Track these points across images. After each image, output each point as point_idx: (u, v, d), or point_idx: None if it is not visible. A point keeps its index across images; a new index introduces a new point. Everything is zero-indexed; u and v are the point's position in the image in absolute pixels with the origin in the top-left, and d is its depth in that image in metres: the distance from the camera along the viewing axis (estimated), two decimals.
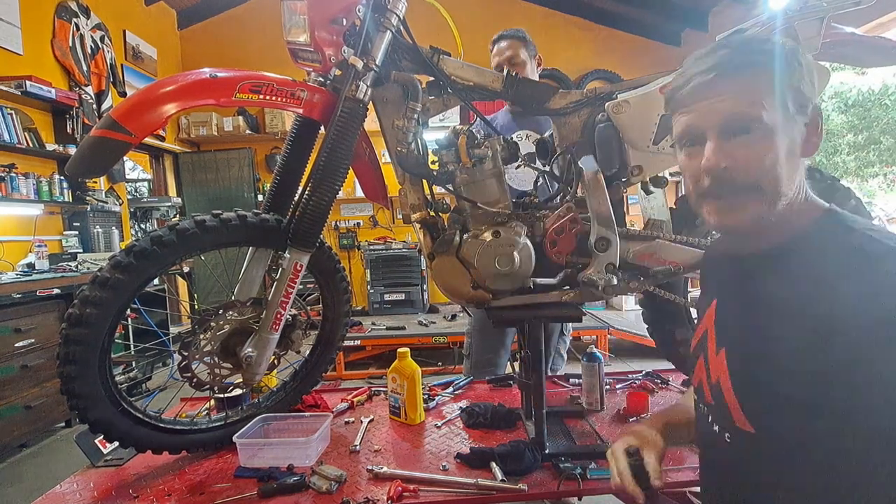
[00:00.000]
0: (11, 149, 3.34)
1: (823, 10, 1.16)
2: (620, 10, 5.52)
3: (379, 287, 4.93)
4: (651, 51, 5.65)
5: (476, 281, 1.25)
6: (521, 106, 1.36)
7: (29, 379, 2.90)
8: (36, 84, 3.39)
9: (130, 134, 1.00)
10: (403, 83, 1.26)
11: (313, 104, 1.21)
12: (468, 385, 1.72)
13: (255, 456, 1.20)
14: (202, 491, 1.11)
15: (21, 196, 3.38)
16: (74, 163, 1.01)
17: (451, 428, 1.39)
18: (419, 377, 1.41)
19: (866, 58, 1.34)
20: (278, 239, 1.24)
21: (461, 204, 1.28)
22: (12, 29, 3.49)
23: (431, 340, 4.01)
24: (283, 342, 1.34)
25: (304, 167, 1.33)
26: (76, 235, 3.91)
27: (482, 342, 2.01)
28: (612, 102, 1.25)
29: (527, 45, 1.99)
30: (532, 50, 2.01)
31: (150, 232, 1.13)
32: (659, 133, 1.24)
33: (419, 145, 1.30)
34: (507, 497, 1.07)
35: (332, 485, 1.08)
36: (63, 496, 1.12)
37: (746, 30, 1.22)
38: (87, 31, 4.20)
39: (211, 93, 1.08)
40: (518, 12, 5.50)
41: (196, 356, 1.21)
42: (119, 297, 1.09)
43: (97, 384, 1.10)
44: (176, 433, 1.24)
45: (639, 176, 1.28)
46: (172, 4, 5.51)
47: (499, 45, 1.99)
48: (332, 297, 1.46)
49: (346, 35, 1.19)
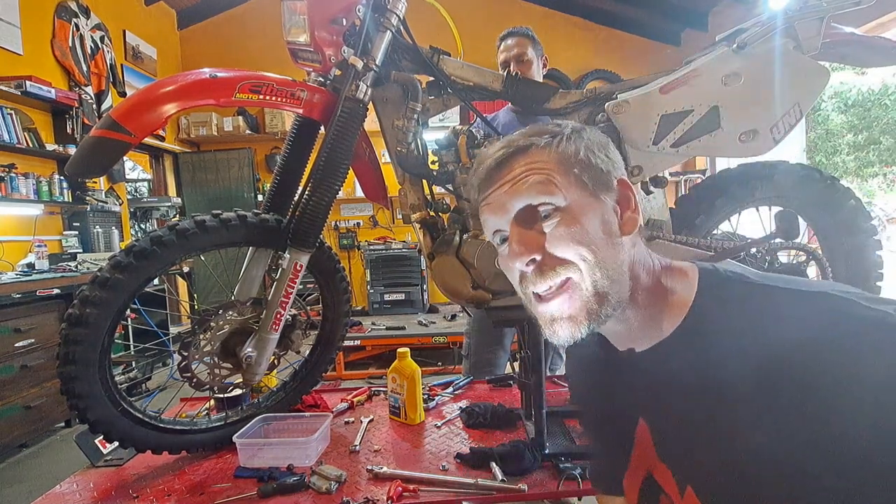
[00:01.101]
0: (11, 149, 3.34)
1: (823, 10, 1.16)
2: (620, 10, 5.52)
3: (379, 287, 4.93)
4: (651, 51, 5.65)
5: (476, 281, 1.25)
6: (521, 106, 1.36)
7: (29, 379, 2.90)
8: (36, 84, 3.39)
9: (130, 134, 1.00)
10: (403, 83, 1.26)
11: (313, 104, 1.21)
12: (468, 385, 1.72)
13: (255, 456, 1.20)
14: (202, 491, 1.11)
15: (21, 196, 3.38)
16: (74, 163, 1.01)
17: (451, 428, 1.39)
18: (419, 377, 1.41)
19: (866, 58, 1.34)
20: (278, 239, 1.24)
21: (461, 204, 1.28)
22: (12, 29, 3.49)
23: (431, 340, 4.01)
24: (283, 342, 1.34)
25: (304, 167, 1.33)
26: (76, 235, 3.91)
27: (482, 342, 2.01)
28: (612, 102, 1.25)
29: (534, 44, 1.98)
30: (539, 50, 2.00)
31: (150, 232, 1.13)
32: (659, 133, 1.25)
33: (419, 145, 1.30)
34: (507, 497, 1.06)
35: (331, 485, 1.08)
36: (63, 496, 1.12)
37: (746, 29, 1.22)
38: (86, 31, 4.19)
39: (211, 93, 1.08)
40: (518, 12, 5.50)
41: (196, 356, 1.21)
42: (119, 297, 1.09)
43: (97, 384, 1.10)
44: (176, 433, 1.24)
45: (639, 176, 1.28)
46: (172, 4, 5.51)
47: (506, 42, 1.98)
48: (331, 297, 1.46)
49: (346, 35, 1.19)
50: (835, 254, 1.38)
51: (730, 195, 1.37)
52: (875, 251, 1.36)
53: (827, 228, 1.39)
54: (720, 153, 1.34)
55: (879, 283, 1.38)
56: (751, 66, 1.21)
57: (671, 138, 1.25)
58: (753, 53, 1.21)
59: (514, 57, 1.95)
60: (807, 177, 1.35)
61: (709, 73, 1.23)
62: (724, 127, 1.24)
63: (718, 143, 1.26)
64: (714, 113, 1.23)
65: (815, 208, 1.37)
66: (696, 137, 1.25)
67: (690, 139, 1.25)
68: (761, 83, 1.22)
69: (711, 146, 1.26)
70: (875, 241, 1.36)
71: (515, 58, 1.95)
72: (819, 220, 1.39)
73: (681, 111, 1.24)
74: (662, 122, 1.23)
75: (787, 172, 1.36)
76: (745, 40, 1.20)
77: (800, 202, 1.37)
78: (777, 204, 1.40)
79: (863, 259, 1.36)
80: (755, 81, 1.21)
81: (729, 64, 1.22)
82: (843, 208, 1.35)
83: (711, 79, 1.22)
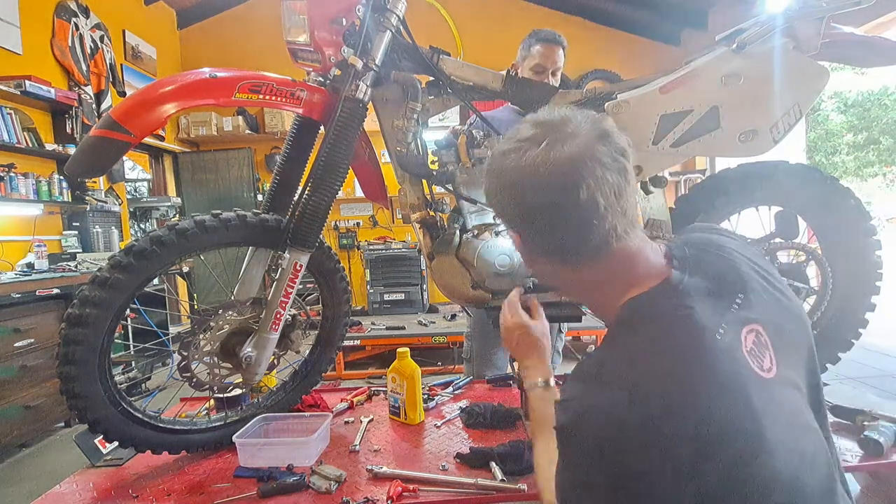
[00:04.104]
0: (11, 149, 3.34)
1: (823, 10, 1.16)
2: (620, 10, 5.51)
3: (378, 287, 4.93)
4: (651, 51, 5.65)
5: (475, 281, 1.25)
6: (521, 106, 1.36)
7: (28, 379, 2.90)
8: (35, 84, 3.38)
9: (130, 134, 1.00)
10: (403, 83, 1.26)
11: (313, 104, 1.21)
12: (468, 385, 1.72)
13: (255, 456, 1.20)
14: (202, 491, 1.11)
15: (20, 196, 3.38)
16: (74, 162, 1.01)
17: (451, 428, 1.39)
18: (419, 377, 1.41)
19: (866, 58, 1.34)
20: (278, 239, 1.24)
21: (461, 204, 1.28)
22: (12, 29, 3.49)
23: (431, 340, 4.01)
24: (283, 342, 1.34)
25: (303, 167, 1.33)
26: (76, 235, 3.91)
27: (482, 342, 2.01)
28: (612, 102, 1.25)
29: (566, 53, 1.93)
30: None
31: (150, 232, 1.13)
32: (659, 133, 1.25)
33: (419, 145, 1.31)
34: (507, 497, 1.06)
35: (331, 485, 1.08)
36: (63, 496, 1.12)
37: (746, 30, 1.22)
38: (86, 31, 4.19)
39: (210, 93, 1.08)
40: (518, 12, 5.50)
41: (196, 356, 1.21)
42: (118, 297, 1.09)
43: (97, 384, 1.10)
44: (175, 433, 1.24)
45: (638, 176, 1.28)
46: (172, 4, 5.51)
47: (547, 47, 1.88)
48: (331, 296, 1.46)
49: (346, 35, 1.19)
50: (834, 254, 1.38)
51: (730, 195, 1.37)
52: (875, 251, 1.36)
53: (827, 228, 1.39)
54: (720, 153, 1.34)
55: (879, 283, 1.38)
56: (750, 66, 1.21)
57: (671, 138, 1.25)
58: (753, 53, 1.21)
59: (552, 68, 1.87)
60: (807, 177, 1.35)
61: (708, 73, 1.23)
62: (723, 127, 1.24)
63: (718, 143, 1.26)
64: (714, 113, 1.23)
65: (815, 208, 1.37)
66: (695, 137, 1.25)
67: (690, 139, 1.25)
68: (761, 83, 1.22)
69: (711, 146, 1.26)
70: (875, 241, 1.36)
71: (552, 69, 1.87)
72: (819, 220, 1.39)
73: (680, 111, 1.24)
74: (662, 122, 1.23)
75: (786, 172, 1.36)
76: (745, 40, 1.20)
77: (800, 202, 1.37)
78: (777, 204, 1.39)
79: (863, 259, 1.36)
80: (755, 81, 1.21)
81: (728, 64, 1.22)
82: (842, 208, 1.35)
83: (711, 79, 1.22)
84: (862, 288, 1.37)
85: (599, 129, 0.66)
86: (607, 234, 0.65)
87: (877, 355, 3.82)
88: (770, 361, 0.65)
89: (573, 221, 0.64)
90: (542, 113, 0.69)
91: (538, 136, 0.65)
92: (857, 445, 1.17)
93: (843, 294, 1.38)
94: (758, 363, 0.63)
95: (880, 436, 1.14)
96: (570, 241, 0.66)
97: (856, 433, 1.20)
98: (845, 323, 1.40)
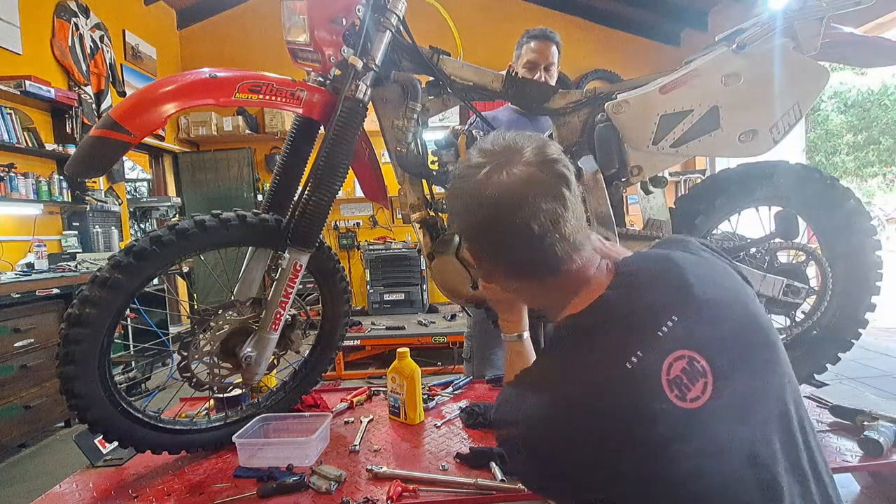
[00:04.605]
0: (11, 148, 3.33)
1: (823, 10, 1.16)
2: (620, 10, 5.52)
3: (378, 287, 4.93)
4: (651, 51, 5.65)
5: (476, 281, 1.25)
6: (521, 106, 1.36)
7: (28, 379, 2.90)
8: (35, 84, 3.38)
9: (130, 134, 1.00)
10: (403, 83, 1.26)
11: (313, 104, 1.21)
12: (468, 385, 1.72)
13: (255, 456, 1.20)
14: (202, 491, 1.11)
15: (20, 196, 3.37)
16: (74, 162, 1.01)
17: (451, 428, 1.39)
18: (419, 377, 1.41)
19: (866, 58, 1.34)
20: (278, 239, 1.24)
21: None
22: (12, 28, 3.49)
23: (431, 340, 4.01)
24: (283, 342, 1.34)
25: (303, 167, 1.33)
26: (75, 235, 3.90)
27: (481, 342, 2.00)
28: (612, 102, 1.25)
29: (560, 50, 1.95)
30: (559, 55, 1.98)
31: (150, 232, 1.13)
32: (658, 133, 1.25)
33: (419, 145, 1.31)
34: (507, 497, 1.06)
35: (331, 485, 1.08)
36: (62, 496, 1.12)
37: (746, 30, 1.22)
38: (86, 31, 4.19)
39: (210, 93, 1.08)
40: (518, 12, 5.50)
41: (195, 356, 1.21)
42: (118, 297, 1.08)
43: (96, 384, 1.10)
44: (175, 433, 1.24)
45: (638, 176, 1.28)
46: (172, 4, 5.51)
47: (538, 44, 1.90)
48: (331, 296, 1.46)
49: (346, 35, 1.19)
50: (834, 254, 1.38)
51: (730, 195, 1.37)
52: (875, 251, 1.36)
53: (827, 228, 1.39)
54: (720, 153, 1.34)
55: (879, 283, 1.38)
56: (750, 66, 1.21)
57: (671, 138, 1.25)
58: (753, 53, 1.21)
59: (545, 64, 1.89)
60: (807, 177, 1.35)
61: (708, 73, 1.23)
62: (723, 127, 1.24)
63: (718, 143, 1.26)
64: (714, 113, 1.23)
65: (815, 208, 1.37)
66: (695, 137, 1.25)
67: (690, 139, 1.25)
68: (761, 83, 1.22)
69: (711, 146, 1.26)
70: (875, 241, 1.36)
71: (545, 65, 1.89)
72: (819, 220, 1.39)
73: (680, 111, 1.24)
74: (662, 122, 1.23)
75: (786, 172, 1.35)
76: (745, 40, 1.20)
77: (800, 202, 1.37)
78: (777, 204, 1.39)
79: (862, 259, 1.36)
80: (755, 81, 1.21)
81: (728, 64, 1.22)
82: (842, 208, 1.35)
83: (711, 79, 1.22)
84: (862, 288, 1.38)
85: (541, 157, 0.68)
86: (546, 256, 0.68)
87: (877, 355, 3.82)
88: (702, 390, 0.63)
89: (514, 244, 0.68)
90: (491, 138, 0.73)
91: (483, 163, 0.70)
92: (857, 445, 1.17)
93: (843, 294, 1.39)
94: (680, 392, 0.62)
95: (880, 436, 1.14)
96: (512, 261, 0.71)
97: (856, 433, 1.20)
98: (845, 323, 1.40)
